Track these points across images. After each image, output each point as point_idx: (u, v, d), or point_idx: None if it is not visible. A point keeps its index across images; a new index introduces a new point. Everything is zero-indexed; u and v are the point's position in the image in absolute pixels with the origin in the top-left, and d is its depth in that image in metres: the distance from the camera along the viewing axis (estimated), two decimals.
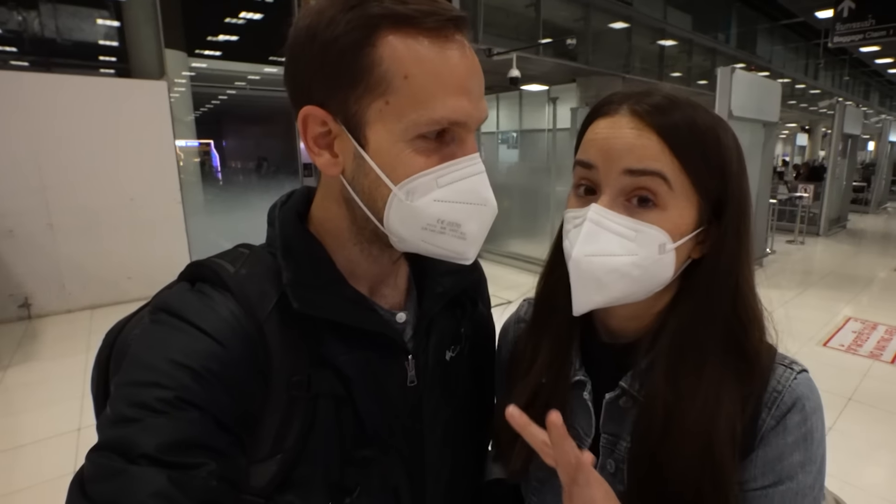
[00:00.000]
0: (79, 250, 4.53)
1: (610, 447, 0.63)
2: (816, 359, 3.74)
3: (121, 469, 0.41)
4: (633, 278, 0.55)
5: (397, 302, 0.65)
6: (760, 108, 5.84)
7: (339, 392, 0.56)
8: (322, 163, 0.55)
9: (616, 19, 9.72)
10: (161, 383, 0.45)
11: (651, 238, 0.54)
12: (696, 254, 0.59)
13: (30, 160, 4.21)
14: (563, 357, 0.66)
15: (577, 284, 0.57)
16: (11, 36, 5.03)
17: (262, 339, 0.52)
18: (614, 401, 0.63)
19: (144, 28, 4.99)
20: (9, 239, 4.22)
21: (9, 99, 4.09)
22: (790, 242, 8.29)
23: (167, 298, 0.53)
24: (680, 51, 11.78)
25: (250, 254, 0.58)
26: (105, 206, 4.57)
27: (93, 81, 4.62)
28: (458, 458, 0.69)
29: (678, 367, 0.56)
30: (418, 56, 0.49)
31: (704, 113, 0.56)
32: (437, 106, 0.49)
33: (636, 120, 0.54)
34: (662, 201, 0.54)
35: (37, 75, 4.36)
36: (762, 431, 0.55)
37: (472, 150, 0.54)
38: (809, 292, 5.58)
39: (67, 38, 5.37)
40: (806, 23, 14.25)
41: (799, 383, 0.56)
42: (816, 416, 0.56)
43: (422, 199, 0.52)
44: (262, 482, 0.52)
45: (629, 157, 0.53)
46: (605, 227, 0.55)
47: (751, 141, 6.14)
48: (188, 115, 5.92)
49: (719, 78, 5.27)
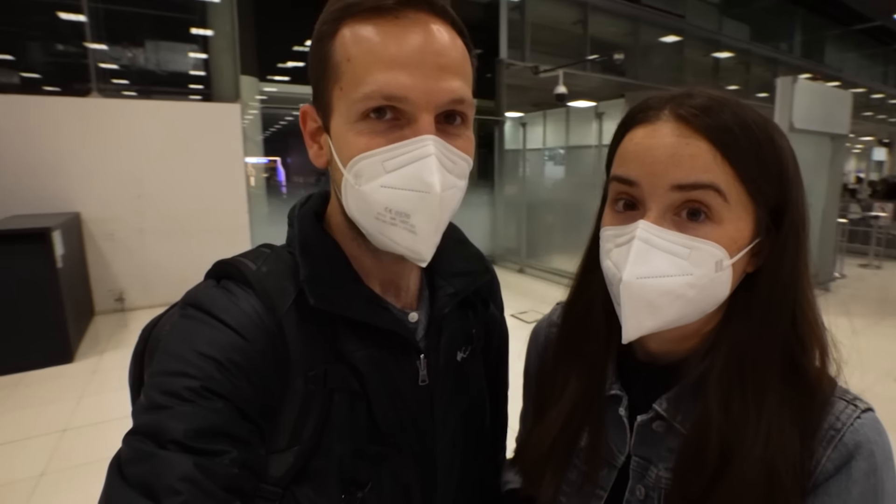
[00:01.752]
0: (162, 253, 5.04)
1: (641, 472, 0.58)
2: (892, 396, 3.42)
3: (152, 453, 0.44)
4: (688, 299, 0.50)
5: (409, 302, 0.65)
6: (827, 119, 5.55)
7: (354, 387, 0.57)
8: (312, 155, 0.58)
9: (667, 33, 9.53)
10: (189, 373, 0.47)
11: (707, 255, 0.48)
12: (751, 267, 0.53)
13: (131, 174, 4.85)
14: (599, 373, 0.62)
15: (629, 309, 0.50)
16: (123, 70, 5.85)
17: (282, 333, 0.54)
18: (647, 424, 0.58)
19: (224, 57, 5.59)
20: (109, 241, 4.84)
21: (118, 123, 4.76)
22: (863, 266, 7.69)
23: (195, 294, 0.55)
24: (737, 62, 11.34)
25: (271, 253, 0.61)
26: (185, 214, 5.09)
27: (180, 106, 5.26)
28: (469, 456, 0.69)
29: (734, 394, 0.50)
30: (358, 38, 0.50)
31: (754, 112, 0.50)
32: (370, 80, 0.49)
33: (681, 125, 0.48)
34: (717, 214, 0.48)
35: (139, 102, 5.10)
36: (817, 475, 0.48)
37: (424, 131, 0.50)
38: (886, 322, 5.06)
39: (164, 69, 6.16)
40: (884, 27, 13.19)
41: (864, 424, 0.48)
42: (887, 467, 0.48)
43: (369, 183, 0.51)
44: (280, 472, 0.53)
45: (677, 171, 0.48)
46: (657, 246, 0.49)
47: (816, 155, 5.82)
48: (258, 134, 6.47)
49: (779, 88, 5.05)
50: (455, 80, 0.52)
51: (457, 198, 0.55)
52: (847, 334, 2.72)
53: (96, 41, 5.15)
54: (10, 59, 5.75)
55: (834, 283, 6.48)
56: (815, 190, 6.02)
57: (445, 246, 0.66)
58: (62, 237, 3.79)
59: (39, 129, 4.46)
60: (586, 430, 0.62)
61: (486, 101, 7.70)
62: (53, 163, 4.54)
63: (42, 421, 2.95)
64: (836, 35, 13.87)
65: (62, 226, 3.86)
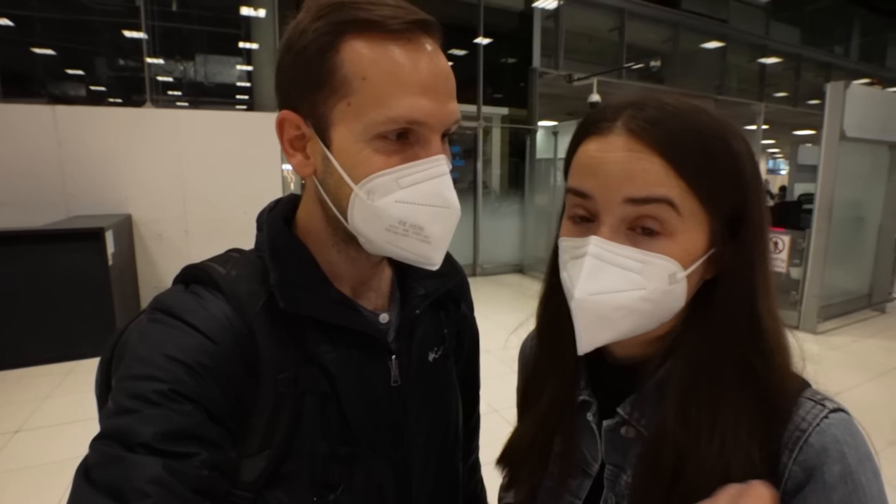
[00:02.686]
0: (205, 253, 4.85)
1: (613, 479, 0.57)
2: None
3: (120, 456, 0.43)
4: (642, 313, 0.50)
5: (381, 304, 0.66)
6: (885, 127, 5.20)
7: (325, 389, 0.57)
8: (295, 163, 0.58)
9: (709, 38, 9.29)
10: (157, 377, 0.47)
11: (660, 269, 0.48)
12: (709, 274, 0.52)
13: (178, 178, 5.19)
14: (570, 378, 0.62)
15: (582, 324, 0.51)
16: (175, 82, 6.30)
17: (252, 336, 0.54)
18: (614, 429, 0.57)
19: (267, 69, 5.92)
20: (158, 242, 5.18)
21: (168, 131, 5.11)
22: None
23: (164, 299, 0.55)
24: (786, 68, 10.91)
25: (240, 257, 0.61)
26: (226, 217, 5.35)
27: (225, 115, 5.57)
28: (443, 457, 0.69)
29: (691, 402, 0.50)
30: (376, 57, 0.50)
31: (709, 118, 0.49)
32: (394, 105, 0.50)
33: (633, 139, 0.48)
34: (670, 228, 0.48)
35: (187, 112, 5.44)
36: (787, 480, 0.46)
37: (436, 151, 0.53)
38: None
39: (212, 81, 6.60)
40: None
41: (832, 424, 0.46)
42: (864, 468, 0.45)
43: (383, 199, 0.52)
44: (252, 477, 0.53)
45: (630, 185, 0.47)
46: (609, 261, 0.49)
47: (873, 165, 5.48)
48: None
49: (828, 94, 4.78)
50: (454, 101, 0.55)
51: None
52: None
53: (152, 56, 5.58)
54: (80, 73, 6.31)
55: (891, 305, 5.96)
56: (870, 203, 5.70)
57: None
58: (114, 237, 4.14)
59: (100, 137, 4.86)
60: (559, 435, 0.62)
61: (518, 110, 7.76)
62: (110, 168, 4.93)
63: (89, 406, 3.20)
64: None
65: (114, 226, 4.21)
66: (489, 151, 8.19)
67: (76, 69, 6.34)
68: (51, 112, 4.66)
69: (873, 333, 5.04)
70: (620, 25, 8.04)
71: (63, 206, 4.73)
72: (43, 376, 3.65)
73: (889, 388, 3.75)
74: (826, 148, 4.86)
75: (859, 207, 5.63)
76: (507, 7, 7.59)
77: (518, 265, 7.80)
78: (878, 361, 4.26)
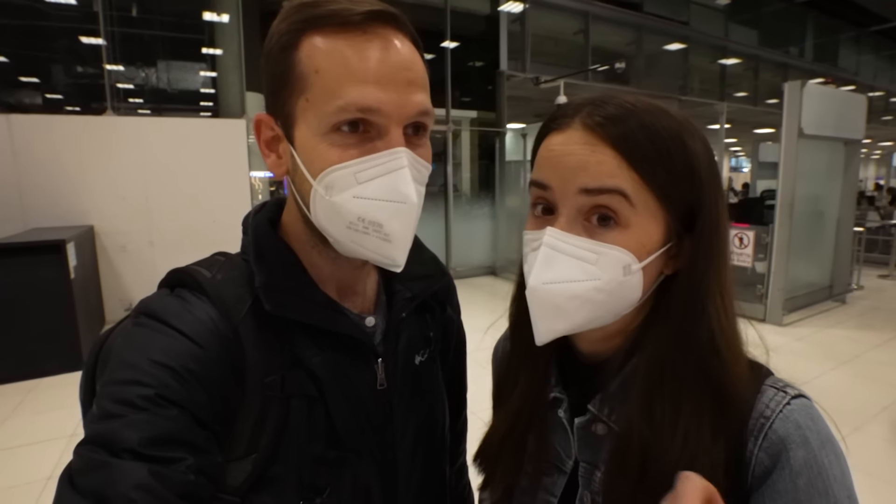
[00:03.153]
0: (171, 264, 4.93)
1: (587, 476, 0.58)
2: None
3: (105, 462, 0.43)
4: (597, 303, 0.51)
5: (366, 307, 0.66)
6: (840, 124, 5.39)
7: (312, 393, 0.56)
8: (270, 164, 0.58)
9: (671, 40, 9.50)
10: (142, 381, 0.47)
11: (614, 260, 0.49)
12: (669, 269, 0.54)
13: (142, 188, 5.05)
14: (541, 375, 0.62)
15: (537, 313, 0.53)
16: (137, 89, 6.13)
17: (238, 340, 0.53)
18: (587, 426, 0.58)
19: (231, 75, 5.79)
20: (122, 254, 5.04)
21: (132, 139, 4.98)
22: (883, 277, 7.42)
23: (149, 303, 0.54)
24: (745, 68, 11.25)
25: (226, 261, 0.61)
26: (193, 227, 5.25)
27: (188, 122, 5.45)
28: (430, 459, 0.69)
29: (655, 400, 0.51)
30: (328, 50, 0.50)
31: (667, 118, 0.51)
32: (343, 94, 0.49)
33: (589, 134, 0.50)
34: (624, 219, 0.49)
35: (149, 119, 5.31)
36: (754, 467, 0.48)
37: (396, 144, 0.51)
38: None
39: (175, 88, 6.45)
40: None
41: (794, 410, 0.48)
42: (827, 451, 0.47)
43: (341, 194, 0.52)
44: (238, 481, 0.53)
45: (584, 176, 0.49)
46: (563, 251, 0.50)
47: (829, 161, 5.67)
48: None
49: (786, 93, 4.94)
50: (421, 92, 0.53)
51: (421, 205, 0.56)
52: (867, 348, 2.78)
53: (112, 62, 5.42)
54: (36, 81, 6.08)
55: (851, 295, 6.25)
56: (828, 198, 5.91)
57: None
58: (76, 249, 4.00)
59: (58, 146, 4.71)
60: (532, 433, 0.62)
61: (487, 113, 7.81)
62: (70, 178, 4.77)
63: (53, 425, 3.10)
64: (851, 37, 13.61)
65: (76, 238, 4.07)
66: (459, 154, 8.23)
67: (31, 76, 6.12)
68: (5, 121, 4.50)
69: (835, 323, 5.22)
70: (585, 28, 8.17)
71: (20, 218, 4.57)
72: (1, 396, 3.49)
73: (852, 376, 3.87)
74: (786, 145, 5.02)
75: (818, 202, 5.83)
76: (473, 11, 7.64)
77: (490, 267, 7.83)
78: (841, 350, 4.40)
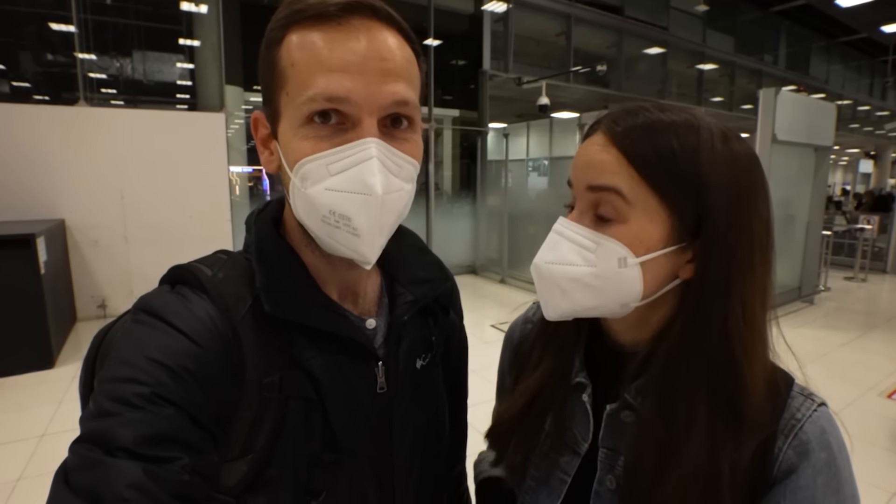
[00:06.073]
0: (146, 260, 5.07)
1: (610, 462, 0.60)
2: (877, 411, 3.30)
3: (100, 460, 0.43)
4: (595, 289, 0.54)
5: (368, 309, 0.65)
6: (811, 131, 5.54)
7: (310, 395, 0.56)
8: (263, 160, 0.59)
9: (651, 44, 9.63)
10: (139, 379, 0.46)
11: (610, 251, 0.53)
12: (686, 274, 0.55)
13: (115, 181, 4.91)
14: (566, 359, 0.65)
15: (541, 290, 0.59)
16: (111, 80, 5.95)
17: (237, 340, 0.53)
18: (615, 413, 0.60)
19: (210, 67, 5.67)
20: (94, 248, 4.90)
21: (103, 131, 4.84)
22: (849, 279, 7.68)
23: (148, 300, 0.54)
24: (721, 74, 11.44)
25: (228, 259, 0.60)
26: (169, 223, 5.13)
27: (165, 115, 5.32)
28: (428, 464, 0.68)
29: (670, 401, 0.54)
30: (302, 43, 0.51)
31: (683, 122, 0.53)
32: (313, 84, 0.50)
33: (604, 137, 0.54)
34: (622, 215, 0.53)
35: (124, 111, 5.15)
36: (781, 464, 0.51)
37: (367, 134, 0.51)
38: (873, 335, 5.01)
39: (151, 79, 6.28)
40: (870, 38, 13.21)
41: (820, 416, 0.53)
42: (842, 455, 0.52)
43: (314, 186, 0.51)
44: (233, 482, 0.52)
45: (590, 174, 0.54)
46: (567, 238, 0.55)
47: (800, 166, 5.82)
48: (243, 144, 6.51)
49: (761, 100, 5.06)
50: (398, 83, 0.52)
51: (403, 201, 0.55)
52: (833, 347, 2.88)
53: (85, 51, 5.26)
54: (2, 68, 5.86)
55: (818, 296, 6.49)
56: (798, 202, 6.09)
57: (405, 254, 0.69)
58: (46, 243, 3.87)
59: (27, 137, 4.55)
60: (550, 414, 0.65)
61: (469, 112, 7.81)
62: (40, 170, 4.62)
63: (22, 426, 3.00)
64: (821, 47, 13.95)
65: (46, 232, 3.93)
66: (441, 153, 8.22)
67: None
68: None
69: (803, 324, 5.38)
70: (567, 30, 8.22)
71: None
72: None
73: (820, 374, 3.98)
74: (760, 150, 5.13)
75: (790, 206, 6.01)
76: (456, 9, 7.63)
77: (471, 266, 7.85)
78: (809, 350, 4.53)
